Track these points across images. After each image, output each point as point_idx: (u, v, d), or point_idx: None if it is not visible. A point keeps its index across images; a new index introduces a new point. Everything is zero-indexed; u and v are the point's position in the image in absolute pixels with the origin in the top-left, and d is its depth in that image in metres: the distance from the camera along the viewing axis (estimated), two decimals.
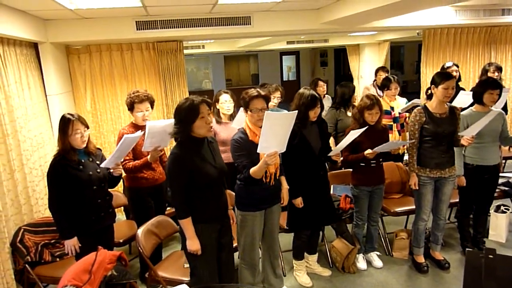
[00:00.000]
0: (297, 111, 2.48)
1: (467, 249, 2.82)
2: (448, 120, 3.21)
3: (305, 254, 3.46)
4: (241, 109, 3.34)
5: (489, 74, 4.52)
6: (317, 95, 2.99)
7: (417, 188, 3.31)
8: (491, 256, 1.56)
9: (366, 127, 3.13)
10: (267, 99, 2.74)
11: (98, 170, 2.74)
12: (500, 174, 3.78)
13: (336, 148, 3.11)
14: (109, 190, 2.90)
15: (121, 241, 3.39)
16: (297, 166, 3.03)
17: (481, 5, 5.24)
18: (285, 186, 2.96)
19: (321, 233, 3.75)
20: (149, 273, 2.84)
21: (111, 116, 4.92)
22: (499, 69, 4.61)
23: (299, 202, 3.05)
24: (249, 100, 2.67)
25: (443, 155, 3.22)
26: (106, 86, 4.84)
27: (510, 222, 3.99)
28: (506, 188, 3.95)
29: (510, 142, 3.68)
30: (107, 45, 4.73)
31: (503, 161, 5.18)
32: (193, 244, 2.43)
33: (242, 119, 3.49)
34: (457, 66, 4.71)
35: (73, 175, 2.61)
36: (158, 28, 4.42)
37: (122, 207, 4.21)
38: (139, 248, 2.76)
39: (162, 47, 4.91)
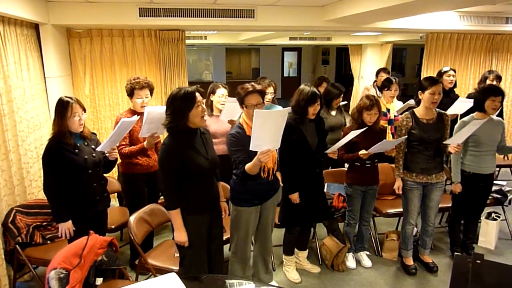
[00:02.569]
0: (289, 108, 2.47)
1: (455, 253, 2.85)
2: (435, 126, 3.21)
3: (296, 250, 3.48)
4: (229, 100, 3.34)
5: (488, 82, 4.51)
6: (317, 92, 2.99)
7: (401, 192, 3.32)
8: (478, 262, 1.58)
9: (366, 128, 3.13)
10: (262, 94, 2.71)
11: (94, 154, 2.74)
12: (494, 182, 3.81)
13: (334, 146, 3.12)
14: (104, 175, 2.90)
15: (113, 227, 3.39)
16: (294, 162, 3.03)
17: (485, 12, 5.24)
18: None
19: (312, 230, 3.78)
20: (139, 261, 2.85)
21: (109, 102, 4.90)
22: (499, 78, 4.59)
23: (295, 197, 3.06)
24: (244, 95, 2.65)
25: (430, 160, 3.23)
26: (105, 71, 4.82)
27: (500, 229, 4.03)
28: (499, 196, 3.97)
29: (506, 151, 3.68)
30: (109, 30, 4.71)
31: (497, 169, 5.21)
32: (181, 236, 2.43)
33: (230, 112, 3.50)
34: (454, 71, 4.70)
35: (69, 159, 2.60)
36: (161, 16, 4.40)
37: (116, 194, 4.21)
38: (131, 235, 2.76)
39: (164, 36, 4.88)
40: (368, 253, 3.69)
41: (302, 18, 4.81)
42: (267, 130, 2.31)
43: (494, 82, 4.47)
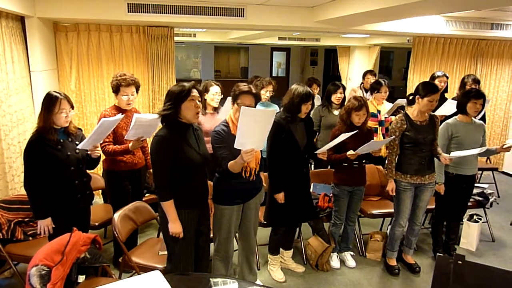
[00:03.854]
0: (276, 109, 2.48)
1: (437, 254, 2.89)
2: (428, 127, 3.26)
3: (281, 249, 3.49)
4: (228, 99, 3.33)
5: (467, 86, 4.58)
6: (311, 91, 3.04)
7: (394, 194, 3.36)
8: (460, 262, 1.60)
9: (356, 131, 3.16)
10: (257, 97, 2.71)
11: (77, 151, 2.70)
12: (475, 185, 3.89)
13: (324, 147, 3.14)
14: (88, 171, 2.86)
15: (96, 224, 3.35)
16: (282, 161, 3.04)
17: (471, 17, 5.33)
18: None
19: (297, 229, 3.79)
20: (123, 258, 2.82)
21: (95, 98, 4.84)
22: (476, 81, 4.64)
23: (281, 197, 3.07)
24: (239, 93, 2.65)
25: (423, 161, 3.28)
26: (92, 66, 4.75)
27: (481, 231, 4.10)
28: (480, 199, 4.05)
29: (488, 153, 3.77)
30: (96, 25, 4.64)
31: (479, 172, 5.30)
32: (175, 227, 2.43)
33: (228, 110, 3.48)
34: (447, 77, 4.75)
35: (51, 155, 2.56)
36: (149, 12, 4.36)
37: (100, 190, 4.16)
38: (115, 232, 2.74)
39: (152, 32, 4.84)
40: (352, 253, 3.73)
41: (291, 19, 4.83)
42: (253, 129, 2.31)
43: (473, 86, 4.55)
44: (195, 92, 2.40)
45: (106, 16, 4.32)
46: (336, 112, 4.25)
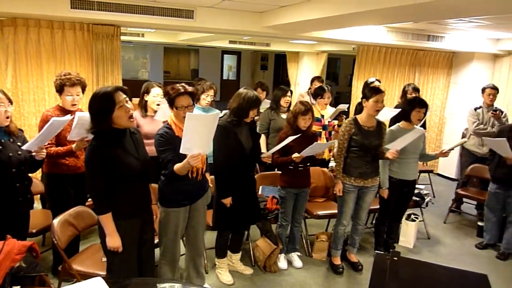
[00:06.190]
0: (219, 112, 2.50)
1: (376, 251, 3.05)
2: (375, 133, 3.43)
3: (229, 252, 3.49)
4: (164, 101, 3.30)
5: (408, 95, 4.92)
6: (259, 96, 3.07)
7: (341, 194, 3.49)
8: (395, 259, 1.70)
9: (301, 134, 3.24)
10: (193, 95, 2.68)
11: (19, 152, 2.55)
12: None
13: (270, 151, 3.19)
14: (29, 174, 2.72)
15: (34, 231, 3.16)
16: (228, 165, 3.05)
17: (410, 28, 5.68)
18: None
19: (246, 232, 3.81)
20: (63, 266, 2.69)
21: (34, 97, 4.57)
22: (416, 90, 5.03)
23: (228, 201, 3.07)
24: (174, 97, 2.59)
25: (367, 165, 3.43)
26: (31, 64, 4.48)
27: (418, 229, 4.36)
28: (417, 199, 4.31)
29: (427, 158, 4.05)
30: (36, 21, 4.39)
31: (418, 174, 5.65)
32: (114, 241, 2.31)
33: (166, 112, 3.44)
34: (379, 82, 5.05)
35: None
36: (94, 10, 4.20)
37: (39, 195, 3.93)
38: (54, 239, 2.60)
39: (97, 30, 4.67)
40: (299, 253, 3.81)
41: (241, 23, 4.86)
42: (198, 134, 2.31)
43: (413, 94, 4.88)
44: (121, 96, 2.24)
45: (47, 12, 4.10)
46: (284, 116, 4.34)
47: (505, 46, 6.23)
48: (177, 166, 2.50)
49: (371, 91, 3.38)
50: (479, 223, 4.55)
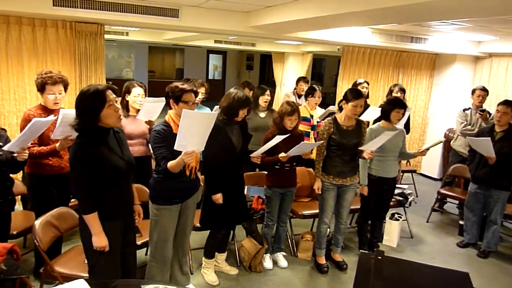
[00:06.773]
0: (217, 112, 2.51)
1: (360, 250, 3.08)
2: (354, 132, 3.46)
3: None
4: (148, 100, 3.30)
5: (393, 94, 4.99)
6: (249, 96, 3.11)
7: (321, 192, 3.51)
8: (379, 258, 1.73)
9: (289, 134, 3.26)
10: (196, 93, 2.81)
11: (1, 153, 2.50)
12: (397, 185, 4.19)
13: (258, 151, 3.20)
14: (10, 175, 2.67)
15: (15, 233, 3.09)
16: (218, 163, 3.05)
17: (394, 30, 5.76)
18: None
19: (231, 232, 3.81)
20: (45, 268, 2.63)
21: (14, 96, 4.47)
22: (402, 90, 5.11)
23: (218, 197, 3.07)
24: (184, 92, 2.66)
25: (346, 164, 3.47)
26: (11, 62, 4.38)
27: (402, 229, 4.43)
28: (401, 198, 4.37)
29: (407, 157, 4.11)
30: (17, 18, 4.29)
31: (401, 174, 5.72)
32: (100, 241, 2.26)
33: (149, 111, 3.43)
34: (368, 84, 5.11)
35: None
36: (77, 7, 4.13)
37: (20, 196, 3.85)
38: (35, 240, 2.54)
39: (80, 28, 4.59)
40: (284, 253, 3.82)
41: (226, 22, 4.85)
42: (194, 131, 2.32)
43: (399, 94, 4.96)
44: (111, 95, 2.22)
45: (29, 9, 4.02)
46: (262, 115, 4.34)
47: (486, 48, 6.37)
48: (171, 164, 2.52)
49: (352, 93, 3.39)
50: (461, 222, 4.64)
